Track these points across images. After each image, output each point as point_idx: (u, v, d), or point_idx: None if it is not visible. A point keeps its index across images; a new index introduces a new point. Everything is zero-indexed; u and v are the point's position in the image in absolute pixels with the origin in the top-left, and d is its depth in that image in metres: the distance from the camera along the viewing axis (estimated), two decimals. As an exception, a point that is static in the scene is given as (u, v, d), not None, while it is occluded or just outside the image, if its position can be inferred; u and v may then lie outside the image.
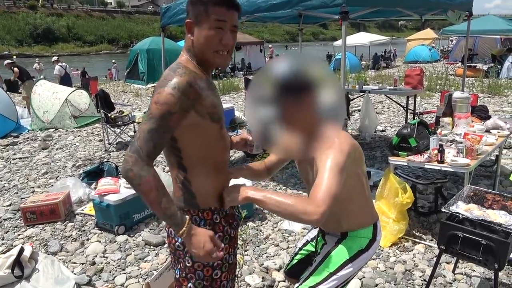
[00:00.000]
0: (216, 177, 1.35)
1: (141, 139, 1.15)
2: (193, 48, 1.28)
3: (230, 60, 1.37)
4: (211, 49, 1.25)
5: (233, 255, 1.42)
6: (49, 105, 7.70)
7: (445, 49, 23.80)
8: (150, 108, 1.18)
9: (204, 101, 1.23)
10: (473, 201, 2.29)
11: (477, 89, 10.09)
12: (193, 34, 1.27)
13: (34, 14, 51.32)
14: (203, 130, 1.25)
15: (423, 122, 3.29)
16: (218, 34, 1.24)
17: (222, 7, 1.23)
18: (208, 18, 1.23)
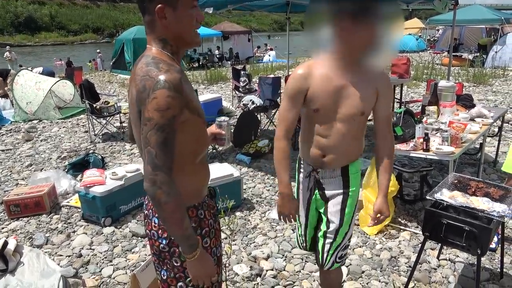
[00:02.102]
0: (199, 171, 1.32)
1: (159, 156, 1.08)
2: (167, 35, 1.19)
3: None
4: (190, 29, 1.20)
5: (219, 247, 1.41)
6: (32, 96, 7.52)
7: (431, 38, 23.97)
8: (152, 116, 1.08)
9: (189, 95, 1.17)
10: (457, 188, 2.33)
11: (463, 78, 10.22)
12: (166, 19, 1.16)
13: (15, 2, 49.82)
14: (191, 125, 1.19)
15: (409, 111, 3.32)
16: (194, 13, 1.20)
17: None
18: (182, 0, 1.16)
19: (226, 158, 4.88)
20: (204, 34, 17.37)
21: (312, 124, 1.70)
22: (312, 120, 1.68)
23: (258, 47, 21.20)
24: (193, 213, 1.30)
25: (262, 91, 6.67)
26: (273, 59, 17.52)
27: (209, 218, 1.35)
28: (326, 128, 1.67)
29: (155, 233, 1.30)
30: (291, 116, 1.67)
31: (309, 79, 1.62)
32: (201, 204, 1.33)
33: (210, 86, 11.20)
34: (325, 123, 1.66)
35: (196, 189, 1.32)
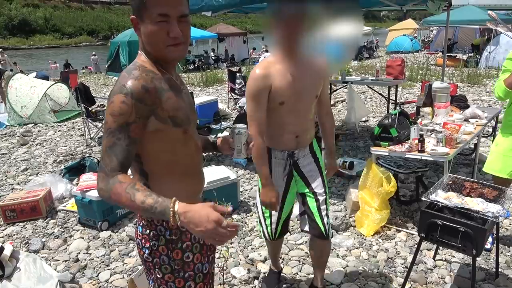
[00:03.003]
0: (181, 183, 1.27)
1: (104, 157, 1.08)
2: (144, 45, 1.18)
3: (187, 50, 1.26)
4: (161, 44, 1.14)
5: (208, 263, 1.34)
6: (27, 100, 7.49)
7: (426, 39, 24.12)
8: (106, 120, 1.09)
9: (165, 104, 1.14)
10: (452, 189, 2.35)
11: (457, 79, 10.29)
12: (139, 31, 1.16)
13: (9, 5, 49.60)
14: (164, 135, 1.17)
15: (403, 112, 3.34)
16: (164, 28, 1.12)
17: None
18: (148, 12, 1.11)
19: (223, 161, 4.88)
20: (200, 36, 17.39)
21: (278, 116, 1.90)
22: (279, 112, 1.88)
23: (254, 49, 21.23)
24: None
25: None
26: (268, 61, 17.51)
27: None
28: (293, 115, 1.90)
29: (139, 242, 1.29)
30: (259, 115, 1.85)
31: (269, 77, 1.81)
32: None
33: (206, 89, 11.21)
34: (291, 111, 1.88)
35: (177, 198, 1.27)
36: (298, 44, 1.69)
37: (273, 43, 1.86)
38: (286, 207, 2.12)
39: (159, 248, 1.25)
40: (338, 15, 1.55)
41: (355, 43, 1.74)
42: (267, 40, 1.83)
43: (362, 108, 5.95)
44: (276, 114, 1.89)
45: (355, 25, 1.57)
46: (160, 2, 1.10)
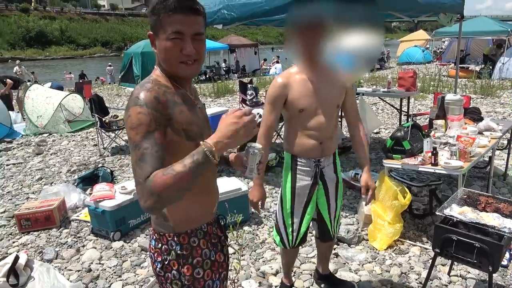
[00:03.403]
0: (195, 199, 1.26)
1: (138, 173, 1.04)
2: (160, 61, 1.21)
3: (200, 68, 1.27)
4: (174, 60, 1.16)
5: (219, 281, 1.32)
6: (42, 110, 7.65)
7: (438, 50, 23.98)
8: (129, 135, 1.08)
9: (178, 117, 1.16)
10: (466, 203, 2.32)
11: (470, 90, 10.19)
12: (156, 47, 1.19)
13: (27, 17, 51.04)
14: (178, 149, 1.14)
15: (416, 124, 3.32)
16: (177, 45, 1.14)
17: (177, 15, 1.12)
18: (163, 29, 1.13)
19: (234, 172, 4.90)
20: (211, 47, 17.58)
21: (299, 123, 2.02)
22: (299, 119, 2.00)
23: (265, 60, 21.38)
24: (185, 240, 1.26)
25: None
26: (279, 72, 17.64)
27: (203, 248, 1.29)
28: (314, 122, 2.00)
29: (152, 255, 1.30)
30: (271, 118, 2.02)
31: (287, 86, 1.95)
32: (195, 231, 1.28)
33: (217, 99, 11.30)
34: (311, 118, 1.99)
35: (187, 215, 1.26)
36: (317, 53, 1.73)
37: (293, 52, 1.91)
38: (308, 215, 2.16)
39: (170, 263, 1.25)
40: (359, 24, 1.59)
41: (376, 52, 1.77)
42: (288, 49, 1.88)
43: (374, 119, 5.92)
44: (296, 120, 2.01)
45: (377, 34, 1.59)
46: (175, 20, 1.11)
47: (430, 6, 4.17)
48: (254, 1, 3.57)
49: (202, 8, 1.18)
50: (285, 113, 2.03)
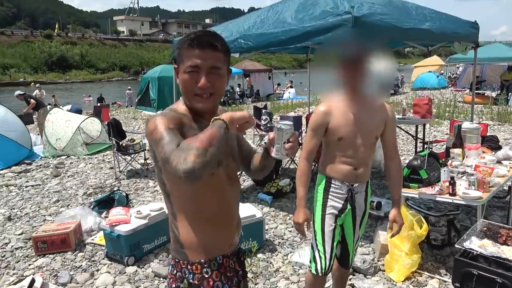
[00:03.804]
0: (208, 227, 1.26)
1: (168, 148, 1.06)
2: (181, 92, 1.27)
3: (216, 102, 1.28)
4: (190, 93, 1.21)
5: None
6: (61, 133, 7.85)
7: (452, 75, 23.90)
8: (151, 140, 1.14)
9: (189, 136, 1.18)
10: (486, 236, 2.27)
11: (487, 117, 10.07)
12: (178, 78, 1.25)
13: (50, 43, 53.09)
14: None
15: (433, 153, 3.30)
16: (193, 78, 1.19)
17: (195, 49, 1.18)
18: (182, 62, 1.20)
19: (248, 197, 4.90)
20: (226, 72, 17.86)
21: (337, 150, 2.05)
22: (337, 146, 2.04)
23: (278, 84, 21.63)
24: (197, 269, 1.25)
25: (283, 129, 6.74)
26: (293, 96, 17.80)
27: (216, 280, 1.26)
28: (352, 151, 2.03)
29: (168, 280, 1.32)
30: (312, 143, 2.07)
31: (329, 115, 2.00)
32: (208, 262, 1.26)
33: (231, 123, 11.39)
34: (349, 147, 2.03)
35: (201, 244, 1.26)
36: (358, 83, 1.88)
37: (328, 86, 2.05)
38: (336, 239, 2.16)
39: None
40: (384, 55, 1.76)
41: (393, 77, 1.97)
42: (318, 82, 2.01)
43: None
44: (335, 147, 2.05)
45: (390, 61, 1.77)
46: (193, 54, 1.18)
47: (445, 36, 4.21)
48: (271, 31, 3.67)
49: (222, 44, 1.22)
50: (324, 139, 2.07)
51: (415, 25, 3.74)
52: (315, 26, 3.36)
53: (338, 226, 2.13)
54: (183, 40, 1.21)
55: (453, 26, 4.36)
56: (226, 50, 1.24)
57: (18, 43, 52.24)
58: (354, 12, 3.13)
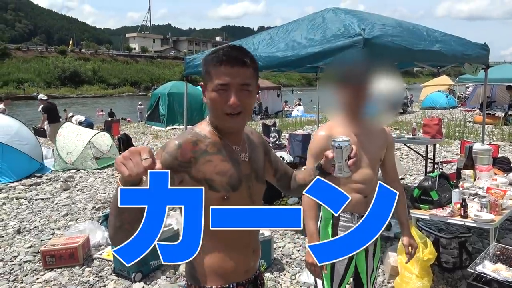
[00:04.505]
0: (222, 254, 1.22)
1: None
2: (209, 112, 1.23)
3: (245, 121, 1.25)
4: (220, 112, 1.17)
5: None
6: (72, 147, 7.95)
7: (462, 95, 23.81)
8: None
9: (200, 166, 1.16)
10: (500, 260, 2.23)
11: (497, 137, 9.97)
12: (206, 97, 1.20)
13: (63, 58, 54.36)
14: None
15: (444, 174, 3.27)
16: (222, 96, 1.15)
17: (224, 67, 1.13)
18: (211, 80, 1.15)
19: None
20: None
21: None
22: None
23: (286, 102, 21.76)
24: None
25: (292, 147, 6.76)
26: (301, 114, 17.86)
27: None
28: (359, 176, 1.90)
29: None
30: None
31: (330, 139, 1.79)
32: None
33: (240, 140, 11.43)
34: (356, 172, 1.87)
35: (214, 271, 1.22)
36: (359, 107, 1.80)
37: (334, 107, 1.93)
38: (348, 276, 2.03)
39: None
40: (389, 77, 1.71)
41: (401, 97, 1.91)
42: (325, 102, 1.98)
43: (398, 166, 5.85)
44: None
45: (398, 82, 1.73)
46: (222, 71, 1.14)
47: (455, 57, 4.23)
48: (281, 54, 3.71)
49: (251, 59, 1.19)
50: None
51: (426, 47, 3.77)
52: (325, 47, 3.40)
53: (352, 262, 2.01)
54: (211, 56, 1.16)
55: (463, 48, 4.39)
56: (255, 65, 1.21)
57: (33, 59, 53.62)
58: (365, 34, 3.17)
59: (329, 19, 3.84)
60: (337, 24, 3.60)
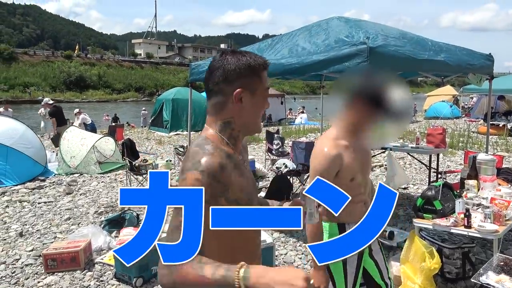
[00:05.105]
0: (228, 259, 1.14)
1: (169, 238, 1.03)
2: (234, 119, 1.16)
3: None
4: (259, 117, 1.20)
5: None
6: (76, 151, 7.98)
7: (466, 106, 23.76)
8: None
9: (235, 185, 1.12)
10: (504, 271, 2.21)
11: (501, 148, 9.93)
12: (242, 102, 1.14)
13: (69, 63, 54.88)
14: None
15: (447, 184, 3.26)
16: (266, 101, 1.21)
17: (266, 72, 1.19)
18: (261, 84, 1.17)
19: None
20: (239, 96, 18.11)
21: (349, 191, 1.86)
22: (350, 188, 1.85)
23: (290, 109, 21.79)
24: None
25: (295, 155, 6.77)
26: (305, 122, 17.88)
27: None
28: (361, 188, 1.97)
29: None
30: None
31: (340, 157, 1.88)
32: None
33: (243, 147, 11.44)
34: (361, 185, 1.98)
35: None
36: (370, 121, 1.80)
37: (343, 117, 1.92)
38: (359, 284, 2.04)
39: None
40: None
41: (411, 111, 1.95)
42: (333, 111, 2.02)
43: (402, 175, 5.83)
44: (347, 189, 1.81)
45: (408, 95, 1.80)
46: (265, 78, 1.20)
47: (460, 67, 4.23)
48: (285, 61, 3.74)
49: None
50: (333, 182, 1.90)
51: (430, 57, 3.78)
52: (329, 56, 3.42)
53: (360, 273, 2.01)
54: (256, 64, 1.15)
55: (467, 58, 4.40)
56: None
57: (40, 63, 54.17)
58: (369, 43, 3.19)
59: (334, 27, 3.87)
60: (342, 32, 3.63)
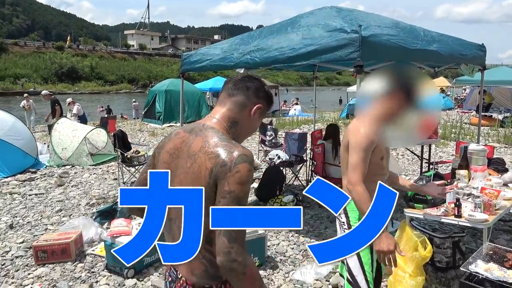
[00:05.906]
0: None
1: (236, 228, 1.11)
2: (241, 123, 1.34)
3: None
4: (251, 134, 1.41)
5: None
6: (67, 143, 7.90)
7: (459, 97, 23.89)
8: (233, 189, 1.14)
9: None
10: (492, 260, 2.23)
11: (493, 139, 10.01)
12: (254, 115, 1.34)
13: (61, 54, 54.08)
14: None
15: (439, 174, 3.28)
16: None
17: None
18: (263, 116, 1.40)
19: (250, 213, 4.85)
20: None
21: (379, 169, 2.12)
22: (379, 166, 2.12)
23: (285, 101, 21.76)
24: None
25: (288, 146, 6.75)
26: (299, 113, 17.86)
27: None
28: (385, 169, 2.17)
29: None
30: (366, 165, 2.02)
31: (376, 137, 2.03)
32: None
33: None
34: (384, 166, 2.16)
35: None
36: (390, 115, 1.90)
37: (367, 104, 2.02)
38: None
39: None
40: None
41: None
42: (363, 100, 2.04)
43: (395, 166, 5.85)
44: (377, 167, 2.10)
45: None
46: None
47: (452, 57, 4.23)
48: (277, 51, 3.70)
49: None
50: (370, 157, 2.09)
51: (423, 46, 3.76)
52: (322, 44, 3.40)
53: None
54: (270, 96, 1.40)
55: (460, 48, 4.39)
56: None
57: (30, 54, 53.29)
58: (362, 32, 3.16)
59: (326, 16, 3.84)
60: (334, 22, 3.59)
